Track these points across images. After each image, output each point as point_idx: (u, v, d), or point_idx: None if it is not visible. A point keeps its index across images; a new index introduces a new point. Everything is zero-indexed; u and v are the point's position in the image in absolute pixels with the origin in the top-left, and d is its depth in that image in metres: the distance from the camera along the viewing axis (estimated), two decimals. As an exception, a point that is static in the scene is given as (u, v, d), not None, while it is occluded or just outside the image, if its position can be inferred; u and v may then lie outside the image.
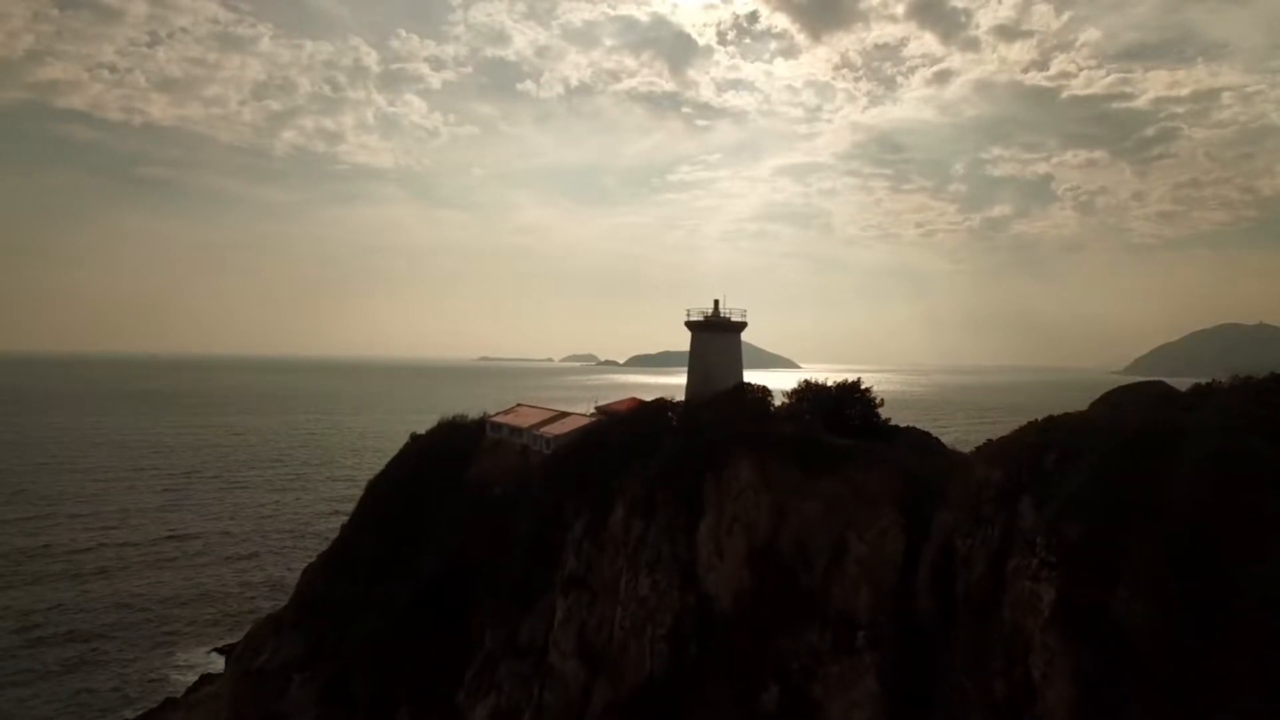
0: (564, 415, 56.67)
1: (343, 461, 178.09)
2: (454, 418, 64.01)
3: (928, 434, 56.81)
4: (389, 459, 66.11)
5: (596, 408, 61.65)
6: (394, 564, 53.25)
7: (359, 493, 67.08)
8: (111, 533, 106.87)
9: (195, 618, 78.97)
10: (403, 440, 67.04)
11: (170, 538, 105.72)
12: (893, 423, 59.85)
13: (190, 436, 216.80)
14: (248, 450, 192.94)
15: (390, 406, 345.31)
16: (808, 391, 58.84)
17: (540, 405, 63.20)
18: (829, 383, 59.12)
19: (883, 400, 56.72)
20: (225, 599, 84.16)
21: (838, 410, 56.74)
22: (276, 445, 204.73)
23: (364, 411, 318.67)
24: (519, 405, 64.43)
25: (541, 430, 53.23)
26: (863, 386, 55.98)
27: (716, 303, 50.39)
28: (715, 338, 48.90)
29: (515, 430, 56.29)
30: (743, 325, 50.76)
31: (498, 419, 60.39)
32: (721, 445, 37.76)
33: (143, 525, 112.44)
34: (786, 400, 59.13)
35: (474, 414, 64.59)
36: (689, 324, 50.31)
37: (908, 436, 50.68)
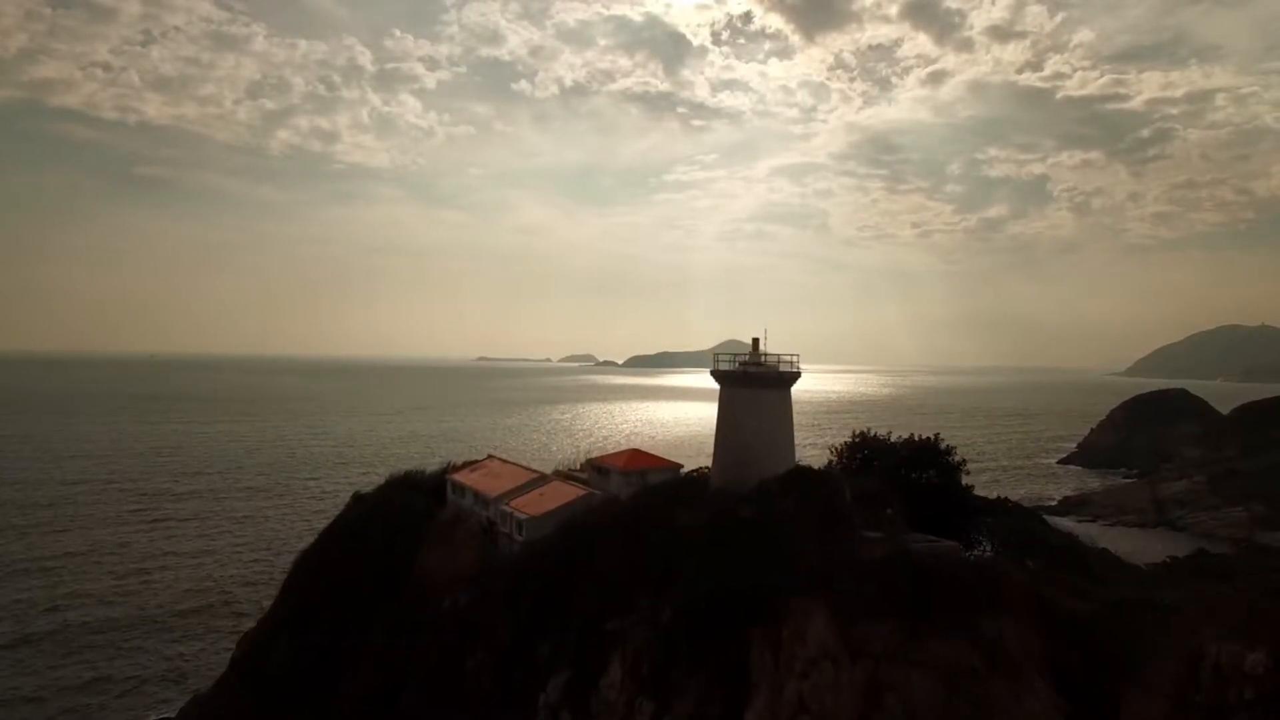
0: (543, 480, 43.02)
1: (330, 477, 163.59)
2: (407, 474, 50.50)
3: (1029, 510, 43.20)
4: (359, 489, 52.24)
5: (587, 461, 48.18)
6: (313, 683, 39.63)
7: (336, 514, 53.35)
8: (58, 576, 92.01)
9: (113, 704, 64.70)
10: (388, 454, 53.55)
11: (117, 595, 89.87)
12: (969, 482, 46.32)
13: (173, 445, 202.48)
14: (229, 462, 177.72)
15: (384, 409, 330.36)
16: (866, 448, 44.95)
17: (514, 461, 49.60)
18: (892, 437, 45.44)
19: (965, 462, 42.97)
20: (154, 678, 69.41)
21: (900, 469, 43.10)
22: (261, 456, 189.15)
23: (358, 415, 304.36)
24: (490, 458, 50.88)
25: (512, 504, 39.68)
26: (941, 445, 42.25)
27: (756, 342, 35.17)
28: (756, 395, 33.09)
29: (480, 499, 42.71)
30: (795, 377, 35.55)
31: (461, 477, 46.85)
32: (775, 578, 24.11)
33: (87, 569, 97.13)
34: (835, 461, 45.17)
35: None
36: (716, 374, 35.46)
37: (1009, 522, 36.94)
